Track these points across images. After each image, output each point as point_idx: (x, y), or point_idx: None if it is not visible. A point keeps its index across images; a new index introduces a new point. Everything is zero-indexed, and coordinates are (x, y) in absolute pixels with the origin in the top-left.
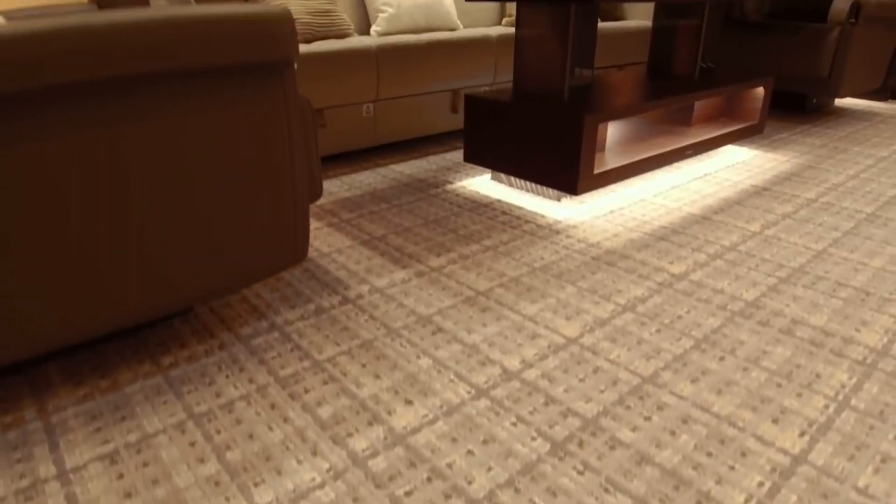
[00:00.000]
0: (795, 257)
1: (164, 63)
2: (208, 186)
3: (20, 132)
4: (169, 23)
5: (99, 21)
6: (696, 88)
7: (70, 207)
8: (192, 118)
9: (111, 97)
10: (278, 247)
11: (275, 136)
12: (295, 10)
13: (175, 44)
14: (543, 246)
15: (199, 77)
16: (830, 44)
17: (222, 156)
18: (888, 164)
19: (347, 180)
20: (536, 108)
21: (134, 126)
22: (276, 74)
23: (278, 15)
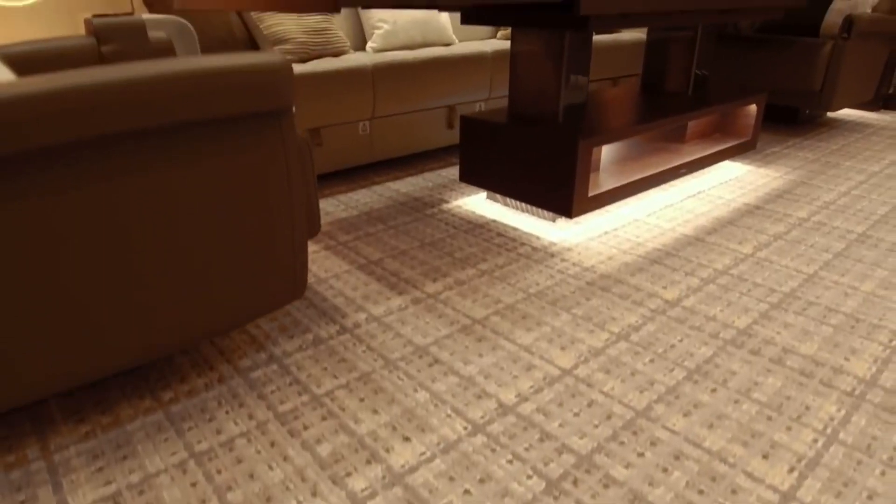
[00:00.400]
0: (787, 281)
1: (163, 118)
2: (208, 231)
3: (21, 189)
4: (167, 79)
5: (96, 80)
6: (690, 108)
7: (72, 258)
8: (193, 167)
9: (111, 151)
10: (278, 284)
11: (274, 179)
12: (291, 29)
13: (174, 99)
14: (539, 270)
15: (199, 128)
16: (823, 58)
17: (222, 201)
18: (879, 179)
19: (344, 199)
20: (531, 130)
21: (134, 178)
22: (275, 120)
23: (276, 65)
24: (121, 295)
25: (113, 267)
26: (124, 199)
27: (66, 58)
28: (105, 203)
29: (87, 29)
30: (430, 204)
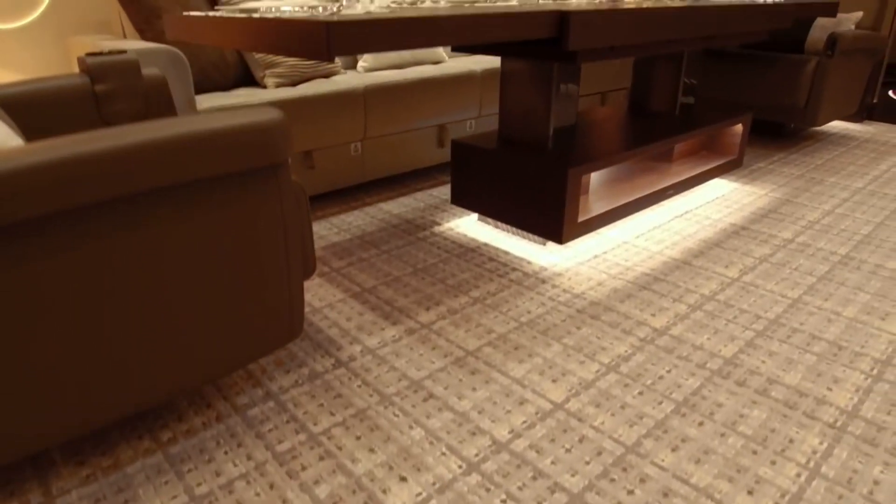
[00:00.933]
0: (772, 307)
1: (162, 180)
2: (206, 281)
3: (19, 252)
4: (167, 143)
5: (94, 147)
6: (678, 131)
7: (73, 314)
8: (190, 222)
9: (108, 211)
10: (275, 326)
11: (270, 229)
12: None
13: (173, 162)
14: (530, 297)
15: (197, 185)
16: (807, 75)
17: (219, 252)
18: (862, 196)
19: (336, 222)
20: (521, 158)
21: (133, 235)
22: (271, 173)
23: (273, 122)
24: (122, 346)
25: (114, 320)
26: (123, 254)
27: (62, 99)
28: (104, 261)
29: (80, 66)
30: (421, 226)
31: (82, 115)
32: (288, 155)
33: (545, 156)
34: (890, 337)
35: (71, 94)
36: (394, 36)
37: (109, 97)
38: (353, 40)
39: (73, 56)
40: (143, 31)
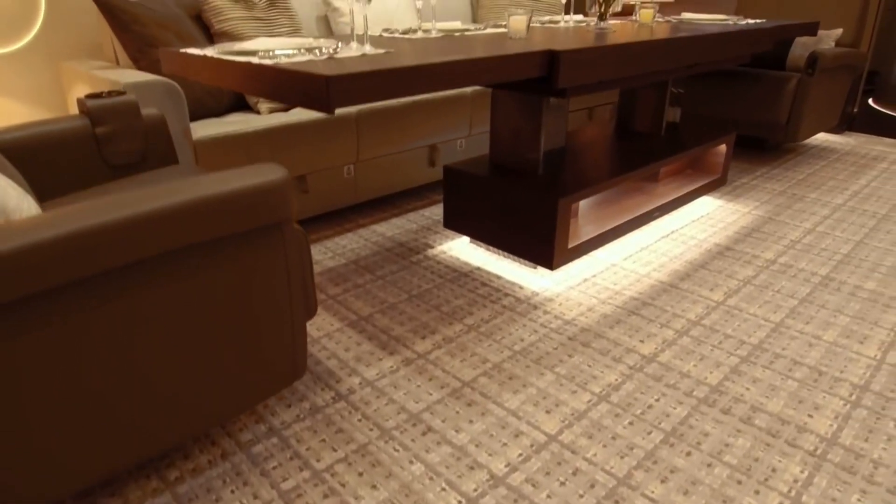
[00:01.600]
0: (755, 331)
1: (174, 244)
2: (214, 331)
3: (40, 317)
4: (179, 209)
5: (103, 219)
6: (664, 154)
7: (91, 370)
8: (199, 278)
9: (122, 274)
10: (280, 368)
11: (275, 278)
12: None
13: (184, 227)
14: (523, 324)
15: (206, 244)
16: (789, 92)
17: (227, 303)
18: (842, 213)
19: (331, 245)
20: (512, 186)
21: (145, 294)
22: (277, 228)
23: (278, 182)
24: (136, 398)
25: (129, 374)
26: (138, 314)
27: (63, 142)
28: (119, 320)
29: (80, 108)
30: (415, 249)
31: (84, 158)
32: (293, 211)
33: (536, 184)
34: (868, 361)
35: (72, 137)
36: (391, 86)
37: (110, 139)
38: (352, 93)
39: (65, 81)
40: (137, 60)
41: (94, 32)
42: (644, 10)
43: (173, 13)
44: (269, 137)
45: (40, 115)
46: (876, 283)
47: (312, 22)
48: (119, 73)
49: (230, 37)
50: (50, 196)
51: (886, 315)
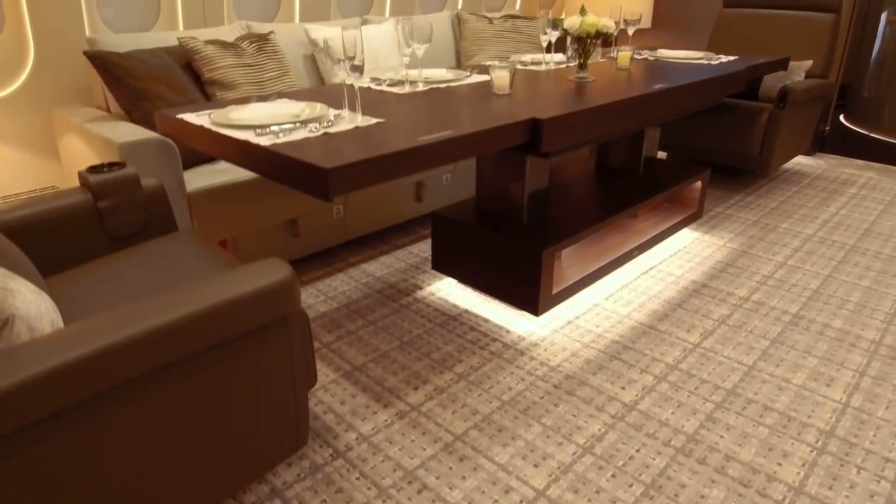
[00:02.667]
0: (729, 375)
1: (183, 353)
2: (224, 415)
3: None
4: (193, 318)
5: (122, 336)
6: (642, 195)
7: (114, 461)
8: (209, 374)
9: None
10: (284, 440)
11: (280, 362)
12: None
13: (192, 338)
14: (510, 371)
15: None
16: (760, 125)
17: (235, 390)
18: (812, 245)
19: (323, 287)
20: (498, 235)
21: (156, 395)
22: (283, 320)
23: (284, 281)
24: (154, 482)
25: (146, 463)
26: (153, 413)
27: (66, 218)
28: (136, 420)
29: (81, 181)
30: (405, 291)
31: (86, 231)
32: (298, 305)
33: (520, 234)
34: (833, 405)
35: (75, 213)
36: (385, 171)
37: (112, 212)
38: (349, 182)
39: (56, 129)
40: (130, 112)
41: (84, 77)
42: (622, 53)
43: (164, 63)
44: (261, 186)
45: (31, 159)
46: (843, 320)
47: (300, 61)
48: (112, 129)
49: (221, 85)
50: (54, 271)
51: (851, 355)
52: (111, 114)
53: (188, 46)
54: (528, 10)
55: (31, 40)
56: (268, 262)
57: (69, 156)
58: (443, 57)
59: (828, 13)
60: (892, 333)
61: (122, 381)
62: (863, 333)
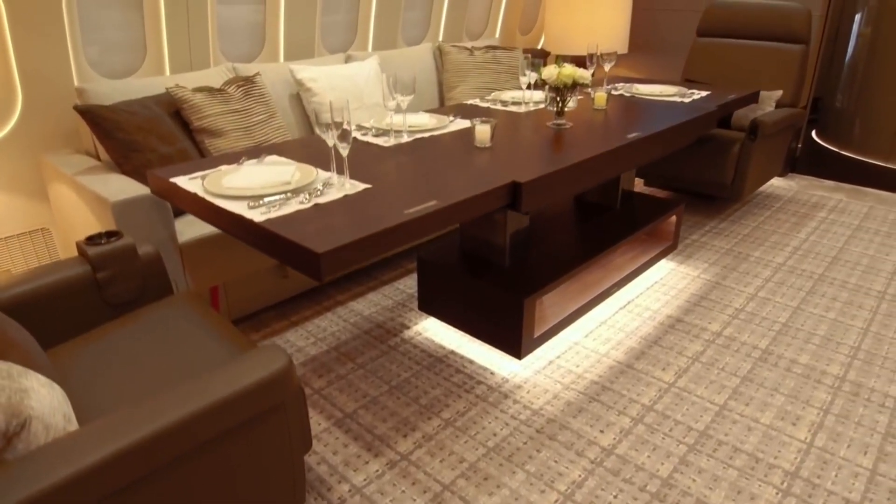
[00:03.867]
0: (701, 416)
1: (192, 445)
2: (230, 487)
3: None
4: (194, 418)
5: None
6: (621, 234)
7: None
8: (215, 455)
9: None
10: (281, 502)
11: (278, 438)
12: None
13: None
14: (495, 416)
15: None
16: (733, 156)
17: (240, 465)
18: (782, 275)
19: (312, 328)
20: (481, 281)
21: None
22: (281, 404)
23: (282, 370)
24: None
25: None
26: (165, 495)
27: (66, 291)
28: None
29: (79, 252)
30: (392, 331)
31: (85, 302)
32: (295, 387)
33: (503, 281)
34: (798, 445)
35: (74, 285)
36: (374, 249)
37: (110, 282)
38: (340, 262)
39: (46, 175)
40: (120, 164)
41: (72, 120)
42: (598, 94)
43: (154, 114)
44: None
45: (21, 202)
46: (809, 355)
47: (286, 100)
48: (104, 183)
49: (209, 133)
50: (54, 341)
51: (817, 392)
52: (101, 161)
53: (177, 96)
54: (508, 35)
55: (18, 86)
56: (267, 350)
57: (60, 204)
58: (425, 88)
59: (797, 44)
60: (855, 368)
61: (136, 477)
62: (828, 369)
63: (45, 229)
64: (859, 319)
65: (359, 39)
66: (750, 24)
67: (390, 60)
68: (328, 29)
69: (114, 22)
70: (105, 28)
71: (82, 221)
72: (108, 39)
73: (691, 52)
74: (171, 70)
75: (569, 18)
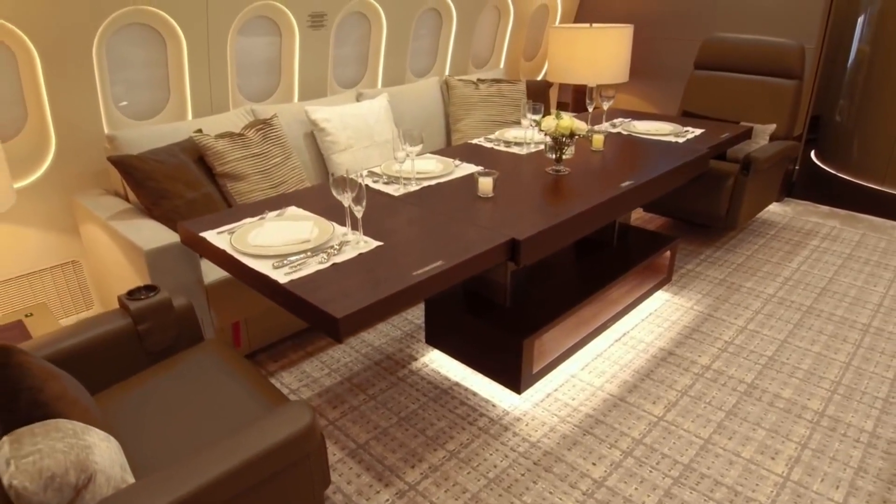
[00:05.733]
0: (687, 449)
1: (227, 496)
2: None
3: None
4: (236, 471)
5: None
6: (618, 271)
7: None
8: (250, 498)
9: None
10: None
11: (303, 480)
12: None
13: (234, 483)
14: (496, 448)
15: None
16: (727, 189)
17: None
18: (772, 307)
19: (326, 360)
20: (483, 322)
21: None
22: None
23: (307, 427)
24: None
25: None
26: None
27: (111, 342)
28: None
29: (120, 305)
30: (401, 363)
31: (127, 351)
32: (318, 439)
33: (503, 321)
34: (776, 479)
35: (118, 336)
36: (387, 310)
37: (149, 333)
38: (357, 324)
39: (78, 216)
40: (150, 209)
41: (101, 160)
42: (596, 136)
43: (180, 161)
44: None
45: (52, 238)
46: (792, 390)
47: (300, 139)
48: (136, 230)
49: (231, 177)
50: (98, 388)
51: (796, 427)
52: (129, 203)
53: (201, 143)
54: (513, 61)
55: (52, 131)
56: (293, 407)
57: (91, 242)
58: (433, 121)
59: (791, 79)
60: (835, 402)
61: None
62: (808, 404)
63: (75, 262)
64: (842, 353)
65: (369, 73)
66: (745, 59)
67: (399, 96)
68: (338, 60)
69: (139, 61)
70: (131, 68)
71: (114, 261)
72: (134, 79)
73: (689, 85)
74: (193, 111)
75: (571, 49)
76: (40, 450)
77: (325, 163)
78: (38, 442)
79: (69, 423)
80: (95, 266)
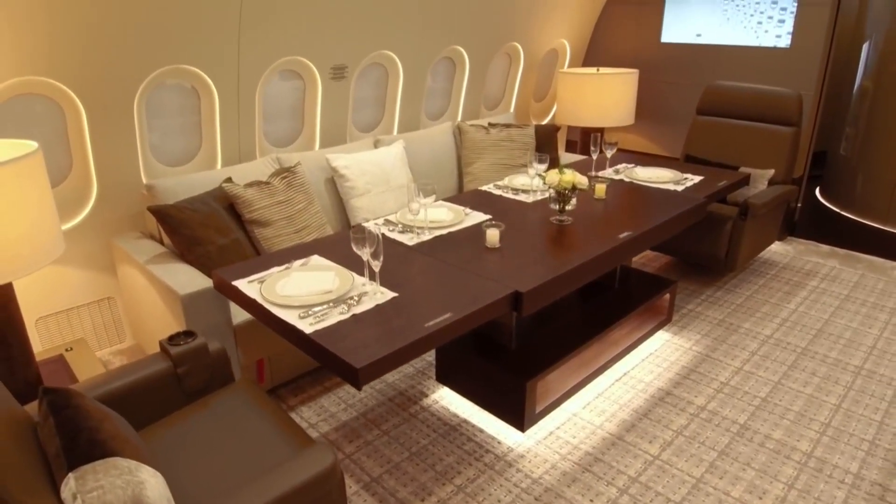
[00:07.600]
0: (679, 488)
1: None
2: None
3: None
4: None
5: None
6: (619, 313)
7: None
8: None
9: None
10: None
11: None
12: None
13: None
14: (500, 484)
15: None
16: (725, 233)
17: None
18: (768, 348)
19: (343, 395)
20: (489, 363)
21: None
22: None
23: (329, 468)
24: None
25: None
26: None
27: (153, 386)
28: None
29: (161, 350)
30: (412, 399)
31: (167, 392)
32: (338, 479)
33: (508, 364)
34: None
35: (160, 379)
36: (402, 358)
37: (187, 375)
38: (375, 372)
39: (116, 257)
40: (184, 255)
41: (138, 205)
42: (598, 185)
43: (212, 209)
44: None
45: (91, 276)
46: (783, 431)
47: (322, 185)
48: (172, 274)
49: (259, 223)
50: (141, 425)
51: (784, 468)
52: (164, 246)
53: (231, 193)
54: (523, 103)
55: (94, 178)
56: (317, 449)
57: (127, 281)
58: (445, 164)
59: (789, 126)
60: (823, 444)
61: None
62: (798, 445)
63: (110, 298)
64: (833, 395)
65: (386, 118)
66: (745, 107)
67: (414, 142)
68: (357, 104)
69: (174, 110)
70: (166, 116)
71: (150, 301)
72: (168, 126)
73: (691, 129)
74: (223, 157)
75: (578, 93)
76: (102, 486)
77: (345, 207)
78: (100, 479)
79: (124, 460)
80: (129, 303)
